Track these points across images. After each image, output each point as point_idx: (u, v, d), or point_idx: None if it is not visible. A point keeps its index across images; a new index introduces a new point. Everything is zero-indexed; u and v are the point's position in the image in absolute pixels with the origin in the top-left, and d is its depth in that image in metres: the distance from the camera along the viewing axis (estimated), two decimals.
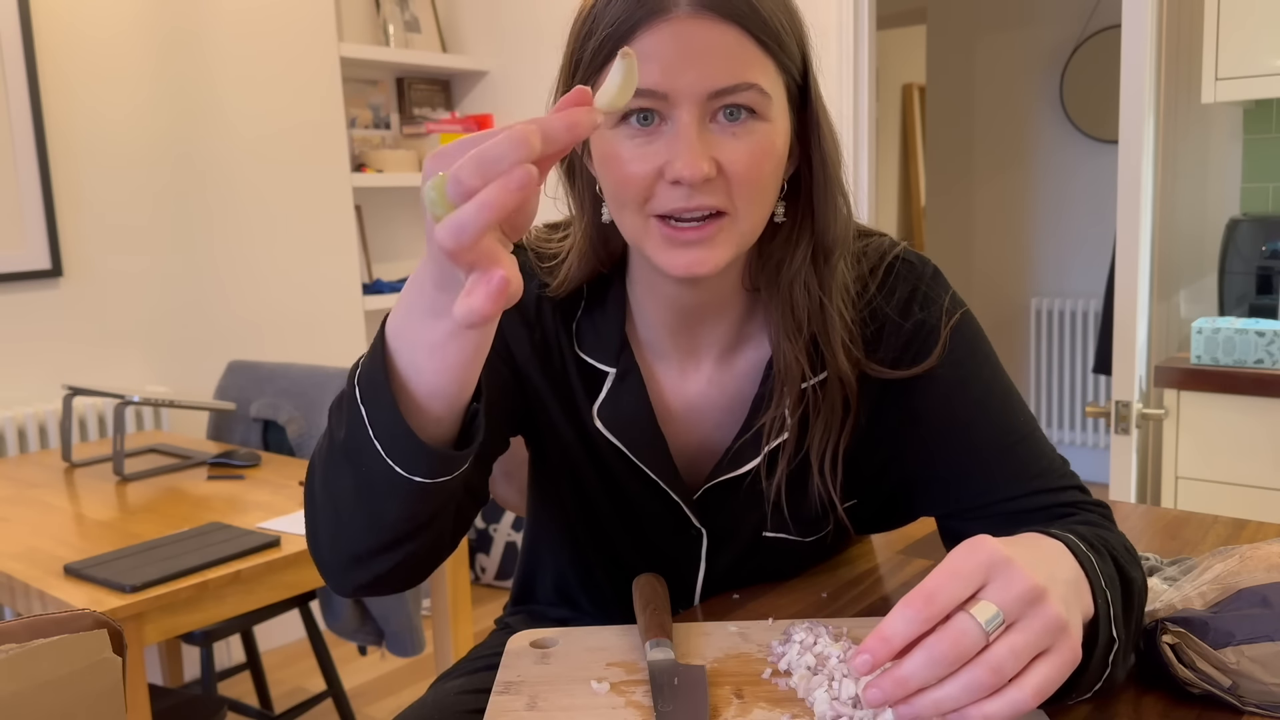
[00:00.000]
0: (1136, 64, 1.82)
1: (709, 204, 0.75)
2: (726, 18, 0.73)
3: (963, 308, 0.88)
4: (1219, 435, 1.99)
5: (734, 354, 0.90)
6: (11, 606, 1.51)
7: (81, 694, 0.52)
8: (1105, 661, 0.67)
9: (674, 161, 0.74)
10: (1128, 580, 0.71)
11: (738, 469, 0.89)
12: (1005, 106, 4.32)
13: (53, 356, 2.50)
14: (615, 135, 0.76)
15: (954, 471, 0.86)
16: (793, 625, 0.83)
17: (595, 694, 0.75)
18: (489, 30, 3.34)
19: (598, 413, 0.90)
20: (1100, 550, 0.71)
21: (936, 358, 0.85)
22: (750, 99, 0.74)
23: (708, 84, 0.73)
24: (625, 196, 0.77)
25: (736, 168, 0.75)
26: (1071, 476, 0.86)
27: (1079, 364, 4.29)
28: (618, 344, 0.89)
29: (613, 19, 0.74)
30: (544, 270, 0.90)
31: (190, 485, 1.93)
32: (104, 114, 2.58)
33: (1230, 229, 2.27)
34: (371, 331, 3.22)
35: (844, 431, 0.87)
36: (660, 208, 0.76)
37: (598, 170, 0.80)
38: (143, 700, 1.42)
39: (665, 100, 0.74)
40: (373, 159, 3.18)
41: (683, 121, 0.73)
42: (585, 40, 0.77)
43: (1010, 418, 0.86)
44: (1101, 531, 0.77)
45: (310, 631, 2.25)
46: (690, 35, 0.72)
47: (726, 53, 0.73)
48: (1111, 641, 0.67)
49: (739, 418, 0.89)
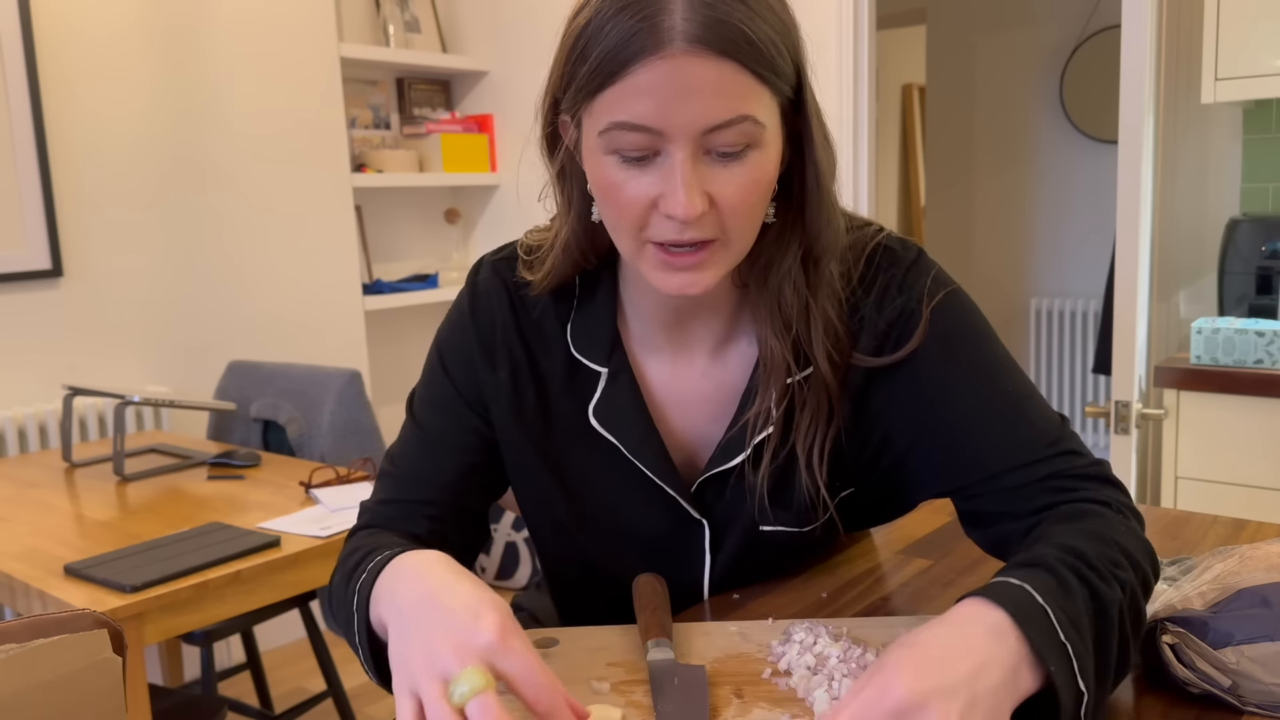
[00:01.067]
0: (1136, 64, 1.82)
1: (701, 237, 0.77)
2: (721, 53, 0.72)
3: (947, 287, 0.88)
4: (1219, 435, 1.99)
5: (726, 347, 0.91)
6: (11, 606, 1.51)
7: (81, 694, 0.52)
8: (1076, 715, 0.65)
9: (668, 197, 0.74)
10: (1103, 609, 0.68)
11: (728, 462, 0.89)
12: (1005, 106, 4.32)
13: (53, 356, 2.50)
14: (610, 163, 0.77)
15: (942, 448, 0.85)
16: (793, 625, 0.83)
17: (595, 694, 0.75)
18: (489, 30, 3.34)
19: (593, 412, 0.91)
20: (1067, 586, 0.68)
21: (918, 340, 0.85)
22: (745, 131, 0.74)
23: (702, 121, 0.73)
24: (621, 223, 0.79)
25: (729, 200, 0.76)
26: (1065, 440, 0.83)
27: (1079, 364, 4.29)
28: (609, 342, 0.91)
29: (608, 47, 0.73)
30: (529, 265, 0.92)
31: (190, 485, 1.93)
32: (104, 114, 2.58)
33: (1230, 229, 2.27)
34: (372, 331, 3.23)
35: (830, 426, 0.87)
36: (655, 237, 0.77)
37: (593, 188, 0.81)
38: (143, 700, 1.42)
39: (661, 136, 0.74)
40: (373, 159, 3.18)
41: (677, 159, 0.74)
42: (577, 62, 0.76)
43: (996, 389, 0.84)
44: (1081, 536, 0.74)
45: (310, 631, 2.25)
46: (685, 72, 0.72)
47: (721, 89, 0.72)
48: (1080, 695, 0.64)
49: (731, 410, 0.90)
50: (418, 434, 0.96)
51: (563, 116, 0.82)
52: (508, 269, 0.94)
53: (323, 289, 3.04)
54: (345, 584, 0.83)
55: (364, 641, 0.78)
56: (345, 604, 0.82)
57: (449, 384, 0.94)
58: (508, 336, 0.93)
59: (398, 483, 0.94)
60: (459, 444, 0.94)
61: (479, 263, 0.97)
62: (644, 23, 0.72)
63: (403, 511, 0.92)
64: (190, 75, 2.73)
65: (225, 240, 2.83)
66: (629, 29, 0.72)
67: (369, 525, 0.92)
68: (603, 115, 0.75)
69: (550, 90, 0.82)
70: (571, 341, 0.92)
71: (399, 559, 0.77)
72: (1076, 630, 0.66)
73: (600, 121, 0.75)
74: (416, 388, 0.98)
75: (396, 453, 0.96)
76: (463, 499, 0.95)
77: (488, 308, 0.93)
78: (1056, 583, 0.68)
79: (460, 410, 0.94)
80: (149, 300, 2.68)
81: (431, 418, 0.95)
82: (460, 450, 0.94)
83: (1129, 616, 0.71)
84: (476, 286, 0.95)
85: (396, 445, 0.97)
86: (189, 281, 2.76)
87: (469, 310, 0.94)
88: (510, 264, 0.94)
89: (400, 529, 0.91)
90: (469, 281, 0.96)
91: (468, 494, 0.95)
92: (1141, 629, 0.74)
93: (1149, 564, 0.76)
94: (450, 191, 3.49)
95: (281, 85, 2.91)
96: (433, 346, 0.97)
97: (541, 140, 0.85)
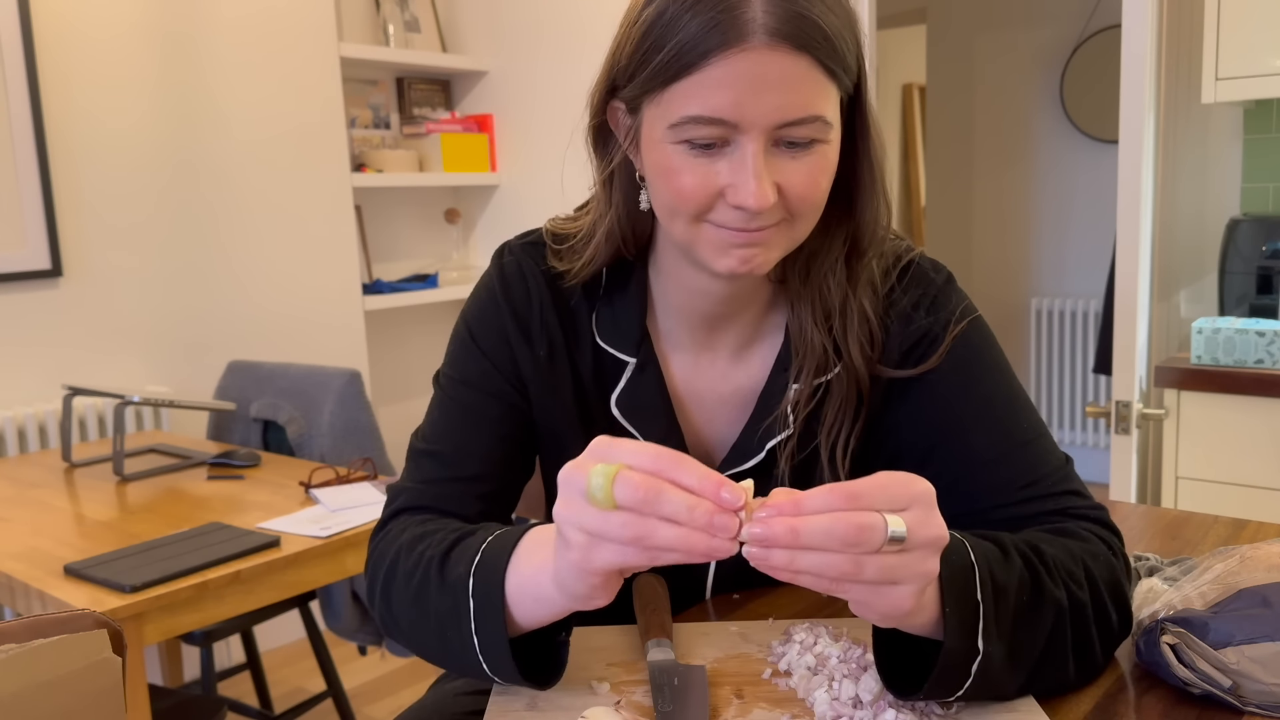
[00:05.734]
0: (1136, 64, 1.82)
1: (768, 223, 0.77)
2: (800, 48, 0.72)
3: (972, 315, 0.89)
4: (1219, 435, 1.99)
5: (748, 349, 0.92)
6: (11, 606, 1.51)
7: (81, 694, 0.52)
8: (965, 668, 0.67)
9: (739, 189, 0.74)
10: (1038, 598, 0.71)
11: (743, 464, 0.89)
12: (1005, 106, 4.32)
13: (53, 356, 2.50)
14: (676, 150, 0.76)
15: (950, 474, 0.85)
16: (793, 625, 0.83)
17: (596, 694, 0.75)
18: (489, 30, 3.34)
19: (616, 402, 0.91)
20: (1009, 562, 0.71)
21: (936, 361, 0.86)
22: (816, 130, 0.74)
23: (777, 116, 0.73)
24: (680, 208, 0.78)
25: (796, 190, 0.76)
26: (1069, 480, 0.85)
27: (1079, 364, 4.29)
28: (638, 334, 0.90)
29: (685, 38, 0.72)
30: (559, 254, 0.90)
31: (190, 485, 1.93)
32: (104, 113, 2.57)
33: (1230, 229, 2.27)
34: (372, 331, 3.22)
35: (856, 426, 0.88)
36: (721, 223, 0.77)
37: (651, 175, 0.80)
38: (143, 700, 1.42)
39: (734, 129, 0.73)
40: (373, 159, 3.18)
41: (750, 151, 0.74)
42: (650, 51, 0.74)
43: (1011, 424, 0.86)
44: (1048, 542, 0.76)
45: (310, 631, 2.25)
46: (764, 66, 0.71)
47: (797, 85, 0.72)
48: (973, 650, 0.66)
49: (748, 412, 0.90)
50: (456, 410, 0.90)
51: (614, 103, 0.81)
52: (538, 253, 0.92)
53: (323, 289, 3.04)
54: (440, 577, 0.76)
55: (497, 642, 0.72)
56: (452, 597, 0.75)
57: (484, 360, 0.90)
58: (546, 316, 0.90)
59: (441, 461, 0.88)
60: (501, 416, 0.90)
61: (504, 246, 0.94)
62: (724, 15, 0.71)
63: (453, 491, 0.87)
64: (190, 74, 2.73)
65: (225, 240, 2.83)
66: (709, 20, 0.71)
67: (411, 508, 0.87)
68: (676, 106, 0.74)
69: (608, 79, 0.80)
70: (597, 330, 0.91)
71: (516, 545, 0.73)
72: (995, 596, 0.68)
73: (673, 113, 0.74)
74: (443, 369, 0.94)
75: (431, 432, 0.91)
76: (510, 474, 0.91)
77: (521, 286, 0.91)
78: (1000, 554, 0.71)
79: (500, 386, 0.90)
80: (149, 300, 2.68)
81: (469, 394, 0.90)
82: (503, 423, 0.90)
83: (1069, 623, 0.72)
84: (505, 268, 0.92)
85: (428, 425, 0.92)
86: (189, 281, 2.76)
87: (500, 289, 0.91)
88: (539, 249, 0.92)
89: (450, 510, 0.86)
90: (495, 263, 0.93)
91: (514, 470, 0.92)
92: (1088, 651, 0.74)
93: (1115, 606, 0.76)
94: (450, 191, 3.49)
95: (281, 85, 2.91)
96: (460, 326, 0.93)
97: (589, 130, 0.85)
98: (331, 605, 2.12)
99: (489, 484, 0.89)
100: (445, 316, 3.47)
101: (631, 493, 0.59)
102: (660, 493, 0.59)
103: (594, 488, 0.60)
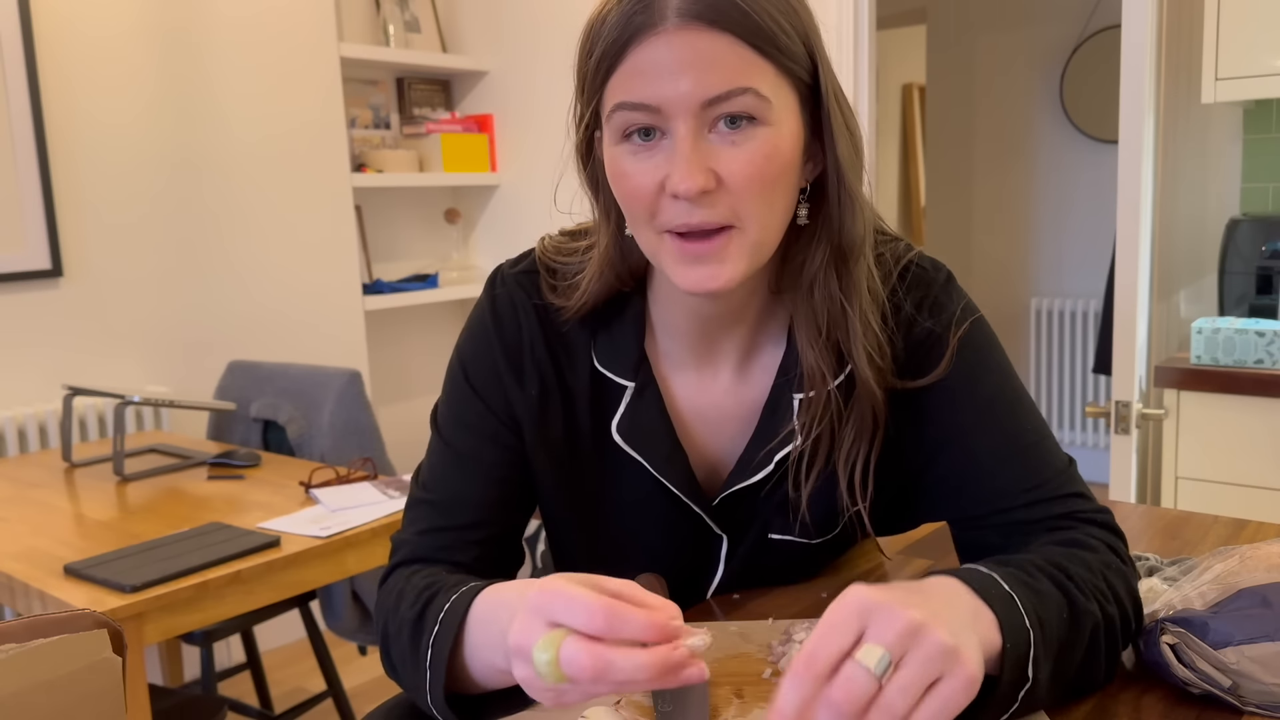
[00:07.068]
0: (1136, 64, 1.82)
1: (712, 220, 0.75)
2: (715, 25, 0.72)
3: (974, 315, 0.88)
4: (1219, 435, 1.99)
5: (750, 360, 0.90)
6: (11, 606, 1.51)
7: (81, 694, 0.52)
8: (1013, 697, 0.66)
9: (672, 175, 0.74)
10: (1076, 618, 0.71)
11: (750, 478, 0.89)
12: (1005, 106, 4.32)
13: (53, 356, 2.50)
14: (620, 151, 0.77)
15: (954, 479, 0.85)
16: (793, 625, 0.83)
17: None
18: (489, 30, 3.34)
19: (616, 427, 0.89)
20: (1039, 587, 0.70)
21: (944, 369, 0.85)
22: (747, 104, 0.73)
23: (700, 93, 0.73)
24: (635, 211, 0.78)
25: (736, 178, 0.74)
26: (1074, 483, 0.84)
27: (1079, 364, 4.29)
28: (636, 357, 0.89)
29: (610, 34, 0.75)
30: (555, 290, 0.89)
31: (190, 485, 1.93)
32: (104, 113, 2.58)
33: (1230, 229, 2.27)
34: (372, 331, 3.22)
35: (875, 440, 0.86)
36: (667, 223, 0.76)
37: (613, 187, 0.80)
38: (143, 700, 1.42)
39: (659, 114, 0.74)
40: (373, 159, 3.18)
41: (679, 134, 0.74)
42: (586, 59, 0.78)
43: (1014, 427, 0.85)
44: (1067, 557, 0.76)
45: (310, 631, 2.25)
46: (679, 46, 0.72)
47: (718, 60, 0.72)
48: (1023, 679, 0.66)
49: (753, 425, 0.89)
50: (451, 456, 0.91)
51: (596, 132, 0.82)
52: (530, 284, 0.91)
53: (323, 289, 3.04)
54: (414, 635, 0.79)
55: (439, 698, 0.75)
56: (416, 663, 0.78)
57: (478, 401, 0.90)
58: (536, 352, 0.89)
59: (437, 509, 0.89)
60: (497, 461, 0.90)
61: (498, 273, 0.93)
62: (639, 4, 0.73)
63: (449, 540, 0.88)
64: (190, 74, 2.73)
65: (225, 239, 2.83)
66: (626, 13, 0.74)
67: (410, 560, 0.88)
68: (610, 102, 0.76)
69: (575, 96, 0.82)
70: (597, 357, 0.90)
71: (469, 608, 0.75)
72: (1041, 623, 0.68)
73: (607, 110, 0.76)
74: (439, 404, 0.94)
75: (429, 479, 0.91)
76: (507, 517, 0.91)
77: (513, 322, 0.90)
78: (1027, 578, 0.70)
79: (494, 428, 0.90)
80: (149, 300, 2.68)
81: (463, 438, 0.90)
82: (498, 467, 0.90)
83: (1103, 637, 0.72)
84: (497, 299, 0.91)
85: (426, 470, 0.92)
86: (189, 281, 2.76)
87: (491, 324, 0.91)
88: (532, 278, 0.91)
89: (446, 560, 0.87)
90: (488, 294, 0.92)
91: (511, 512, 0.92)
92: (1115, 660, 0.75)
93: (1134, 611, 0.77)
94: (450, 191, 3.49)
95: (281, 85, 2.91)
96: (454, 362, 0.93)
97: (575, 154, 0.85)
98: (331, 605, 2.12)
99: (485, 530, 0.89)
100: (445, 316, 3.47)
101: (579, 672, 0.59)
102: (609, 665, 0.59)
103: (540, 665, 0.60)
